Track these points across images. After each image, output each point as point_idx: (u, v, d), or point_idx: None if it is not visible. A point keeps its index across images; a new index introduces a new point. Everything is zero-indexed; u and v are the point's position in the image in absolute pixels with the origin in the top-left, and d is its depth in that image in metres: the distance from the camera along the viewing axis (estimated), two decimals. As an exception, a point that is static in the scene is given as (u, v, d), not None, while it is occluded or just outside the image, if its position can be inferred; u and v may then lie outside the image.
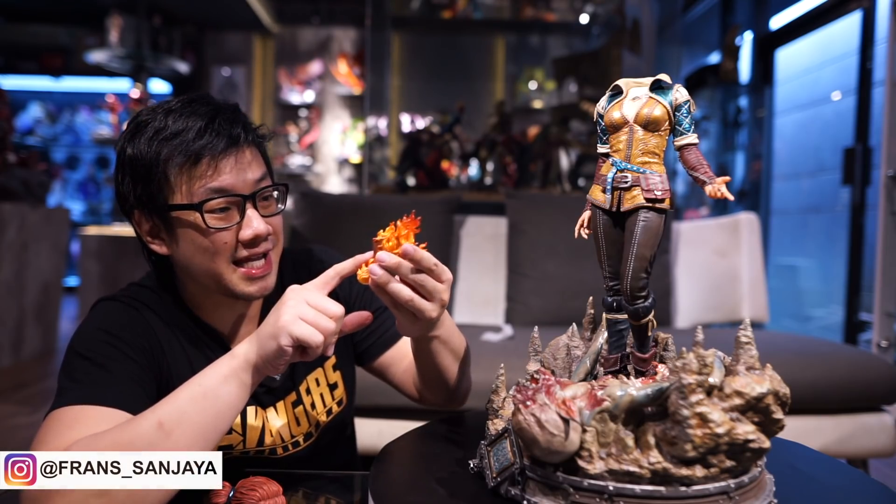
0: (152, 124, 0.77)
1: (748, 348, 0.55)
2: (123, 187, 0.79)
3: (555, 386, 0.56)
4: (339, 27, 6.46)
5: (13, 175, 3.20)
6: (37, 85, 6.99)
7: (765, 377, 0.54)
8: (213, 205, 0.76)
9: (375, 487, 0.61)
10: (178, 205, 0.76)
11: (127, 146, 0.77)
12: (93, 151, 7.28)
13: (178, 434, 0.63)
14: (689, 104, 0.59)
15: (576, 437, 0.52)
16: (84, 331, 0.77)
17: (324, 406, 0.94)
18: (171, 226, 0.78)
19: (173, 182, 0.76)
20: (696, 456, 0.51)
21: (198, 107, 0.78)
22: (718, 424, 0.51)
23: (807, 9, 3.82)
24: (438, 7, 3.94)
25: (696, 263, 2.31)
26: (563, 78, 3.70)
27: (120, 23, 5.11)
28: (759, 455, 0.53)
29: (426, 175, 2.98)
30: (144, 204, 0.78)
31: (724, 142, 4.79)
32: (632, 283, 0.60)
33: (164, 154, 0.75)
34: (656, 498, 0.52)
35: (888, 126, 2.48)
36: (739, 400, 0.52)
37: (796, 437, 0.80)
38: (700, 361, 0.52)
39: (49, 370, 3.29)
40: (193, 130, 0.75)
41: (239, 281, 0.80)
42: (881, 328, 2.49)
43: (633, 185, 0.59)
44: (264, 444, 0.86)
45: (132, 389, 0.72)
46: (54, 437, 0.65)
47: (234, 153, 0.77)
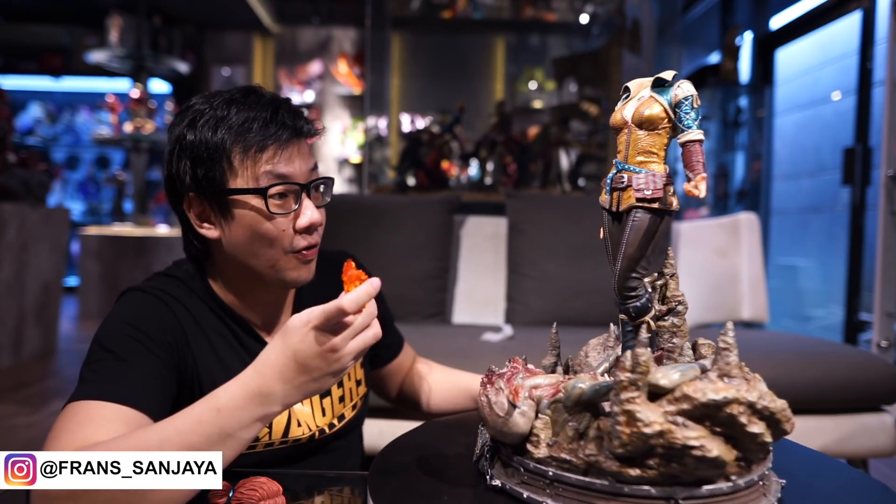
0: (213, 113, 0.79)
1: (725, 354, 0.53)
2: (179, 171, 0.80)
3: (518, 374, 0.61)
4: (339, 27, 6.47)
5: (13, 175, 3.19)
6: (37, 85, 7.00)
7: (733, 386, 0.51)
8: (275, 191, 0.78)
9: (375, 487, 0.61)
10: (242, 189, 0.78)
11: (187, 133, 0.79)
12: (93, 151, 7.28)
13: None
14: (691, 99, 0.57)
15: (521, 422, 0.57)
16: (110, 323, 0.77)
17: (350, 400, 0.96)
18: (227, 210, 0.80)
19: (237, 167, 0.78)
20: (625, 453, 0.51)
21: (259, 98, 0.81)
22: (647, 424, 0.49)
23: (807, 9, 3.82)
24: (438, 7, 3.94)
25: (696, 263, 2.31)
26: (563, 78, 3.70)
27: (120, 23, 5.11)
28: (714, 465, 0.50)
29: (426, 175, 2.98)
30: (202, 187, 0.79)
31: (724, 142, 4.79)
32: (619, 283, 0.60)
33: (231, 140, 0.78)
34: (590, 490, 0.53)
35: (888, 126, 2.48)
36: (687, 405, 0.50)
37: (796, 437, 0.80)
38: (633, 360, 0.51)
39: (49, 370, 3.29)
40: (260, 120, 0.78)
41: (291, 268, 0.82)
42: (881, 328, 2.49)
43: (629, 185, 0.60)
44: (289, 435, 0.86)
45: (152, 387, 0.73)
46: (68, 433, 0.66)
47: (296, 144, 0.81)
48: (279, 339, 0.66)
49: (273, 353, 0.66)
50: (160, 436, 0.64)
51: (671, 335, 0.65)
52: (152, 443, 0.63)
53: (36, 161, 3.49)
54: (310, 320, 0.65)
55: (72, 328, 4.53)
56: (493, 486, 0.59)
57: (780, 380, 1.55)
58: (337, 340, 0.65)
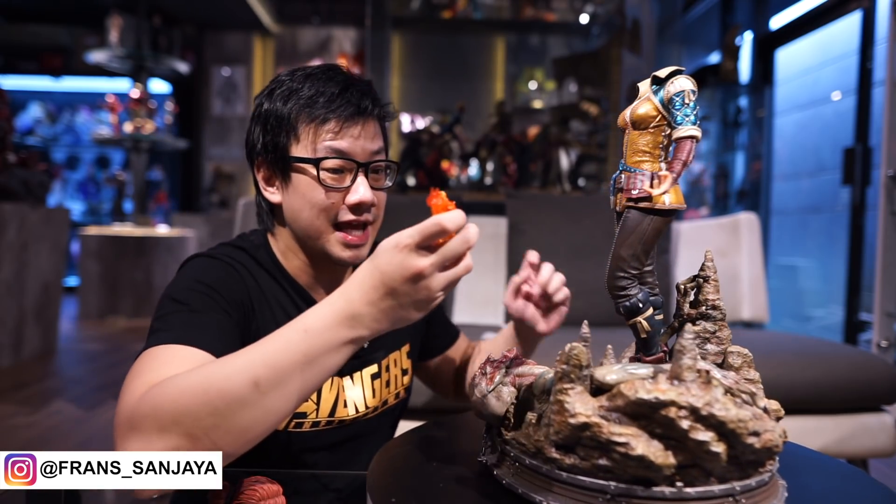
0: (289, 84, 0.83)
1: (679, 356, 0.51)
2: (253, 137, 0.86)
3: (504, 363, 0.65)
4: (339, 27, 6.47)
5: (13, 175, 3.20)
6: (37, 85, 7.00)
7: (673, 388, 0.49)
8: (329, 164, 0.81)
9: (374, 487, 0.61)
10: (300, 157, 0.81)
11: (265, 101, 0.84)
12: (93, 151, 7.29)
13: (272, 397, 0.59)
14: (682, 95, 0.56)
15: (495, 404, 0.61)
16: (180, 281, 0.78)
17: (395, 387, 0.96)
18: (287, 176, 0.83)
19: (300, 135, 0.82)
20: (559, 441, 0.53)
21: (334, 74, 0.85)
22: (573, 415, 0.51)
23: (807, 9, 3.82)
24: (438, 7, 3.94)
25: (696, 263, 2.31)
26: (563, 78, 3.70)
27: (120, 23, 5.11)
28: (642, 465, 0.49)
29: (426, 175, 2.98)
30: (269, 152, 0.84)
31: (724, 142, 4.80)
32: (608, 282, 0.61)
33: (297, 110, 0.82)
34: (537, 472, 0.56)
35: (888, 126, 2.48)
36: (621, 401, 0.50)
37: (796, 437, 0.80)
38: (568, 353, 0.53)
39: (49, 370, 3.29)
40: (327, 94, 0.81)
41: (335, 243, 0.83)
42: (881, 328, 2.49)
43: (624, 185, 0.60)
44: (335, 414, 0.86)
45: (225, 339, 0.72)
46: (149, 372, 0.64)
47: (361, 122, 0.83)
48: (369, 261, 0.62)
49: (360, 275, 0.62)
50: (247, 357, 0.60)
51: (703, 341, 0.63)
52: (238, 365, 0.60)
53: (36, 161, 3.49)
54: (400, 240, 0.59)
55: (72, 328, 4.53)
56: (480, 461, 0.64)
57: (780, 380, 1.55)
58: (425, 265, 0.58)
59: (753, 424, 0.49)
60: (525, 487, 0.56)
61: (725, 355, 0.63)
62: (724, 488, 0.51)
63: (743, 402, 0.55)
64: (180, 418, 0.58)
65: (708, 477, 0.51)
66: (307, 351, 0.60)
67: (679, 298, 0.67)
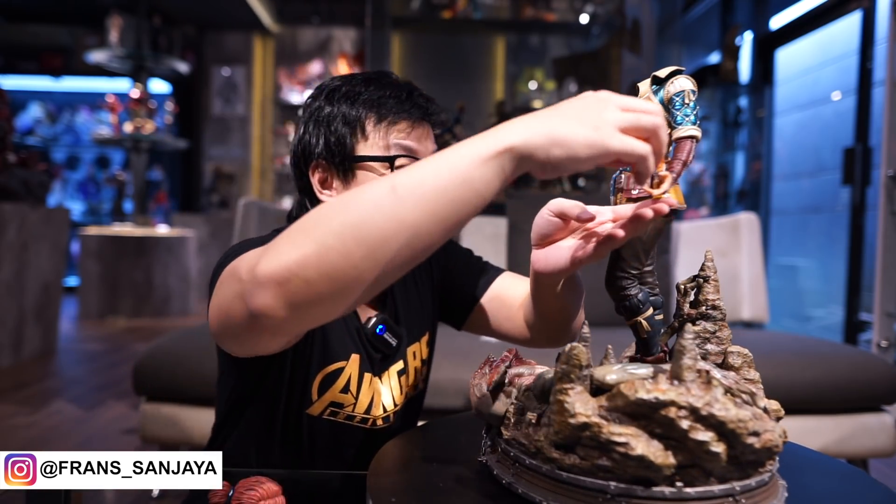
0: (350, 88, 0.85)
1: (679, 356, 0.51)
2: (311, 140, 0.86)
3: (504, 363, 0.66)
4: (339, 27, 6.47)
5: (13, 175, 3.20)
6: (37, 85, 7.00)
7: (672, 388, 0.49)
8: (402, 162, 0.82)
9: (374, 486, 0.61)
10: (370, 156, 0.82)
11: (324, 105, 0.85)
12: (93, 151, 7.29)
13: (411, 202, 0.54)
14: (682, 95, 0.56)
15: (495, 404, 0.62)
16: (231, 251, 0.75)
17: (415, 379, 0.96)
18: (350, 175, 0.83)
19: (370, 135, 0.83)
20: (559, 441, 0.53)
21: (393, 79, 0.87)
22: (572, 415, 0.51)
23: (807, 9, 3.82)
24: (438, 7, 3.94)
25: (696, 263, 2.31)
26: (563, 78, 3.70)
27: (120, 23, 5.12)
28: (642, 465, 0.49)
29: (426, 175, 2.98)
30: (332, 153, 0.84)
31: (724, 142, 4.80)
32: (608, 282, 0.62)
33: (366, 112, 0.83)
34: (538, 472, 0.56)
35: (888, 126, 2.48)
36: (621, 401, 0.51)
37: (796, 437, 0.80)
38: (569, 352, 0.53)
39: (49, 370, 3.29)
40: (395, 97, 0.83)
41: None
42: (881, 328, 2.49)
43: (624, 185, 0.61)
44: (371, 412, 0.87)
45: None
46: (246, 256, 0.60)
47: (426, 126, 0.86)
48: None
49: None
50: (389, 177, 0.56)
51: (703, 341, 0.63)
52: (377, 181, 0.55)
53: (36, 161, 3.49)
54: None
55: (72, 328, 4.53)
56: (480, 461, 0.64)
57: (780, 380, 1.55)
58: (617, 98, 0.54)
59: (753, 424, 0.49)
60: (525, 487, 0.56)
61: (725, 355, 0.63)
62: (724, 488, 0.51)
63: (743, 402, 0.55)
64: (312, 226, 0.55)
65: (708, 477, 0.51)
66: (449, 158, 0.55)
67: (679, 298, 0.67)
